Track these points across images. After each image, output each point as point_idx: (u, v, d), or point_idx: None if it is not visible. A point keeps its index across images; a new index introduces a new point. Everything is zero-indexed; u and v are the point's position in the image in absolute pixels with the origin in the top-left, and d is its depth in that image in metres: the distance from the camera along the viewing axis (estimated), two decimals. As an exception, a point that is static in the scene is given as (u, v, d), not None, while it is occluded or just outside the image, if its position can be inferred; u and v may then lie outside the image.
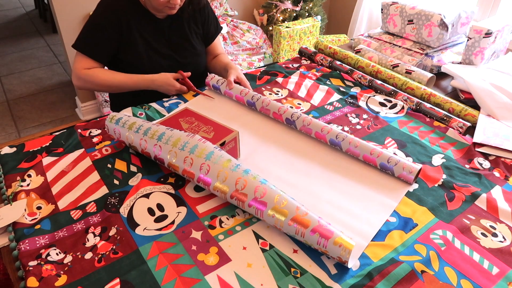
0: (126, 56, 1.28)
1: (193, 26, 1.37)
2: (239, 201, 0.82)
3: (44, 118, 2.59)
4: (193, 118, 1.04)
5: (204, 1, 1.37)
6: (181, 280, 0.72)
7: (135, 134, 0.96)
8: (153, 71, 1.27)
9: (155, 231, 0.82)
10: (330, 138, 1.05)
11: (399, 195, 0.92)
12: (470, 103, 1.28)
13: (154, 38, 1.30)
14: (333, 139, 1.04)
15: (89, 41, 1.25)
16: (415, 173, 0.93)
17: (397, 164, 0.95)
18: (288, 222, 0.76)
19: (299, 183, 0.95)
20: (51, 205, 0.88)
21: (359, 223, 0.85)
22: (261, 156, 1.04)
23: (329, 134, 1.05)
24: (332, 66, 1.48)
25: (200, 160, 0.86)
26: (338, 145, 1.04)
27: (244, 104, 1.24)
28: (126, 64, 1.29)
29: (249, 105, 1.22)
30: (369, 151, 0.99)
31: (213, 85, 1.31)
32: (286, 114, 1.13)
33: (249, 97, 1.21)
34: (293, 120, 1.12)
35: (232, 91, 1.25)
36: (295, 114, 1.12)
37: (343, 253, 0.72)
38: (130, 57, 1.28)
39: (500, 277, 0.74)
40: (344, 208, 0.88)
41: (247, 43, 2.57)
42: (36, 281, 0.71)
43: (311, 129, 1.08)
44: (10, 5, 4.44)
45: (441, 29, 1.44)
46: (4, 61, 3.27)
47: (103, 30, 1.23)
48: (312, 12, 2.66)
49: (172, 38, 1.33)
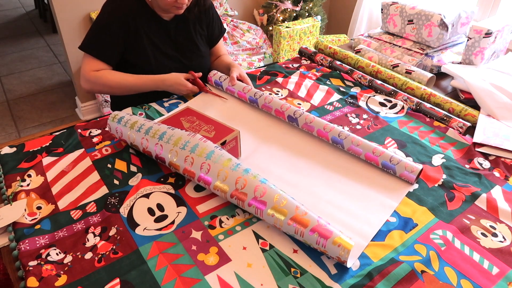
0: (133, 58, 1.27)
1: (198, 28, 1.36)
2: (239, 200, 0.82)
3: (44, 118, 2.59)
4: (194, 117, 1.04)
5: (209, 2, 1.36)
6: (181, 280, 0.72)
7: (136, 133, 0.96)
8: (159, 73, 1.26)
9: (155, 231, 0.82)
10: (332, 136, 1.05)
11: (400, 196, 0.92)
12: (470, 103, 1.28)
13: (160, 40, 1.29)
14: (335, 137, 1.04)
15: (97, 43, 1.23)
16: (417, 172, 0.93)
17: (399, 163, 0.95)
18: (288, 221, 0.76)
19: (299, 182, 0.95)
20: (51, 205, 0.88)
21: (359, 223, 0.85)
22: (262, 155, 1.04)
23: (331, 132, 1.05)
24: (332, 66, 1.48)
25: (201, 159, 0.86)
26: (340, 143, 1.04)
27: (246, 101, 1.24)
28: (133, 66, 1.28)
29: (251, 102, 1.22)
30: (371, 149, 0.99)
31: (215, 82, 1.31)
32: (288, 111, 1.13)
33: (251, 93, 1.22)
34: (295, 118, 1.12)
35: (234, 87, 1.25)
36: (297, 111, 1.12)
37: (342, 253, 0.72)
38: (136, 59, 1.27)
39: (500, 277, 0.74)
40: (344, 208, 0.88)
41: (247, 43, 2.57)
42: (36, 281, 0.71)
43: (313, 126, 1.08)
44: (10, 5, 4.44)
45: (441, 29, 1.44)
46: (4, 61, 3.27)
47: (111, 31, 1.21)
48: (312, 12, 2.66)
49: (178, 39, 1.33)
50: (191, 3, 1.26)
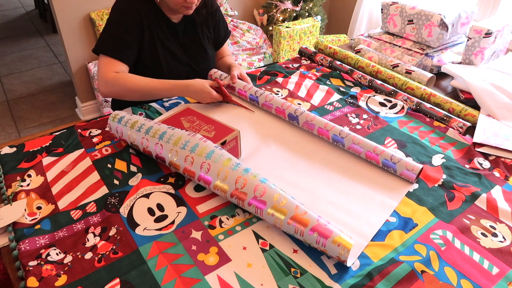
0: (145, 60, 1.24)
1: (205, 31, 1.35)
2: (239, 200, 0.82)
3: (44, 118, 2.59)
4: (195, 117, 1.04)
5: (216, 4, 1.35)
6: (181, 280, 0.72)
7: (136, 133, 0.96)
8: (170, 77, 1.22)
9: (155, 231, 0.82)
10: (333, 134, 1.05)
11: (400, 195, 0.92)
12: (470, 103, 1.28)
13: (170, 42, 1.27)
14: (336, 135, 1.04)
15: (114, 42, 1.18)
16: (418, 171, 0.93)
17: (399, 162, 0.95)
18: (288, 221, 0.76)
19: (299, 182, 0.95)
20: (51, 205, 0.88)
21: (359, 222, 0.85)
22: (262, 154, 1.04)
23: (332, 131, 1.05)
24: (332, 66, 1.48)
25: (201, 159, 0.86)
26: (340, 142, 1.04)
27: (247, 99, 1.24)
28: (144, 68, 1.24)
29: (252, 100, 1.22)
30: (372, 148, 0.99)
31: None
32: (289, 110, 1.14)
33: (252, 92, 1.22)
34: (296, 116, 1.12)
35: (235, 85, 1.25)
36: (298, 110, 1.12)
37: (342, 252, 0.72)
38: (148, 61, 1.24)
39: (500, 277, 0.74)
40: (344, 207, 0.88)
41: (247, 43, 2.57)
42: (36, 281, 0.71)
43: (314, 125, 1.08)
44: (10, 5, 4.44)
45: (441, 29, 1.44)
46: (4, 61, 3.27)
47: (127, 29, 1.17)
48: (312, 12, 2.66)
49: (186, 42, 1.31)
50: (200, 4, 1.24)
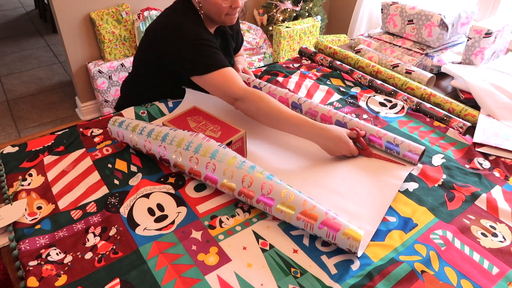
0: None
1: (231, 42, 1.31)
2: (247, 198, 0.83)
3: (44, 118, 2.59)
4: (201, 117, 1.04)
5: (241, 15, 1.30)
6: (181, 280, 0.72)
7: (139, 136, 0.96)
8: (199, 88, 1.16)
9: (155, 231, 0.82)
10: (336, 119, 1.08)
11: (403, 174, 0.95)
12: (470, 103, 1.28)
13: None
14: (339, 120, 1.07)
15: (215, 55, 1.07)
16: (420, 152, 0.96)
17: (402, 143, 0.98)
18: (297, 216, 0.78)
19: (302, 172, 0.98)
20: (51, 205, 0.88)
21: (366, 208, 0.87)
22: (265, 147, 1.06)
23: (335, 116, 1.08)
24: (332, 66, 1.48)
25: (205, 159, 0.86)
26: (344, 127, 1.06)
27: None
28: (179, 80, 1.18)
29: None
30: (375, 131, 1.02)
31: None
32: (292, 98, 1.17)
33: (255, 83, 1.25)
34: (299, 104, 1.15)
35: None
36: (301, 98, 1.15)
37: (352, 244, 0.74)
38: None
39: (500, 277, 0.74)
40: (349, 195, 0.91)
41: (247, 43, 2.57)
42: (36, 281, 0.71)
43: (317, 111, 1.11)
44: (10, 5, 4.44)
45: (441, 29, 1.44)
46: (4, 61, 3.27)
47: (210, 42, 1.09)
48: (312, 12, 2.66)
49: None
50: None
